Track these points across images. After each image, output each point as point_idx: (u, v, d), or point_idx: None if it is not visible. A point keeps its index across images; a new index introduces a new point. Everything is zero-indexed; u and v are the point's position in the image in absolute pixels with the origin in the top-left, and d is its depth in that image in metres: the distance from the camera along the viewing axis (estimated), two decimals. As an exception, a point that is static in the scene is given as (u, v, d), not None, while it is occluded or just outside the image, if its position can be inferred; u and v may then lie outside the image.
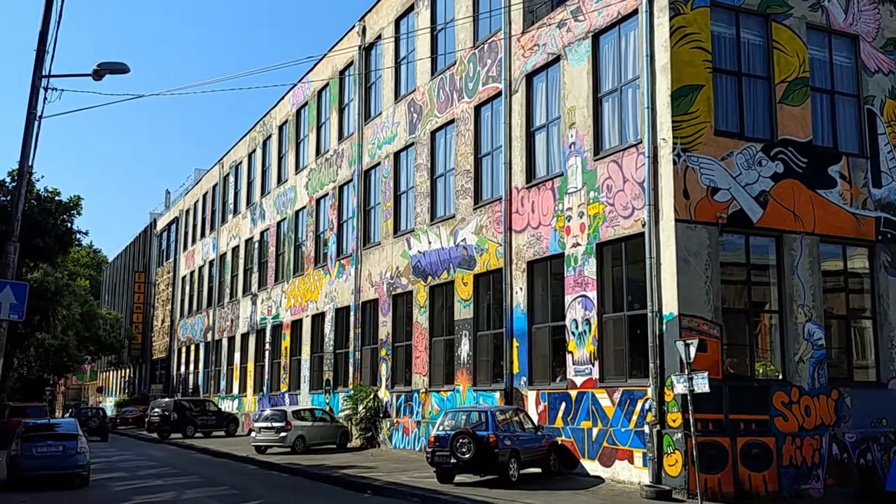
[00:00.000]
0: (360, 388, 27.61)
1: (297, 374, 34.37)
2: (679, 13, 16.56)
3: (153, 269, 63.52)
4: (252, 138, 42.77)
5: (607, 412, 17.20)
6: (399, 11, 27.91)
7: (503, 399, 20.48)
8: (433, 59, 25.80)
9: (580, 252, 18.38)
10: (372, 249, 28.53)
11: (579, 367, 18.11)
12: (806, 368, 16.86)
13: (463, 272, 22.94)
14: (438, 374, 24.09)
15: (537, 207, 20.04)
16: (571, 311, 18.51)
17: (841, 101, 18.62)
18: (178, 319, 54.48)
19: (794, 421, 16.44)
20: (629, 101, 17.75)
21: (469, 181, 23.08)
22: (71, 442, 18.69)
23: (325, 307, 32.03)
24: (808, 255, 17.28)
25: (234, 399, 41.81)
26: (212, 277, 47.92)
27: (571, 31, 19.38)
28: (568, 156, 19.12)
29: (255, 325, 39.70)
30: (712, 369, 15.31)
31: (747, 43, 17.54)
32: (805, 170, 17.53)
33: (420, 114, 26.13)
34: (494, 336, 21.69)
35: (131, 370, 68.27)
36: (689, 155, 16.22)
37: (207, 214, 50.09)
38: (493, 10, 22.63)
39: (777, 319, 17.10)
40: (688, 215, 16.01)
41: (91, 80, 17.29)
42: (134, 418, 49.53)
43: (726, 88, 17.18)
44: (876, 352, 18.13)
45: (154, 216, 66.86)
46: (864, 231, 18.22)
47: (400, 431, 25.39)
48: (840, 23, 18.61)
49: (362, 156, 29.88)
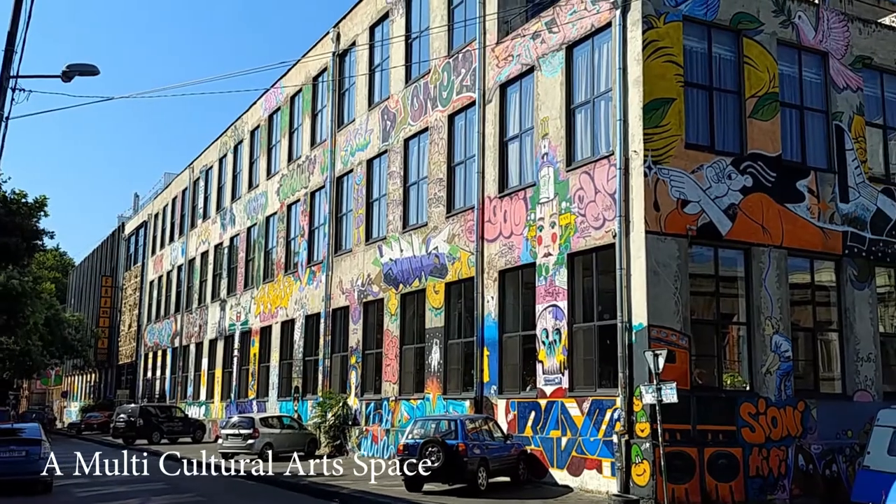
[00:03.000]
0: (330, 395, 27.49)
1: (265, 381, 34.14)
2: (652, 27, 16.72)
3: (121, 273, 62.81)
4: (223, 143, 42.49)
5: (576, 421, 17.26)
6: (374, 19, 27.91)
7: (473, 408, 20.48)
8: (407, 68, 25.81)
9: (551, 262, 18.45)
10: (343, 256, 28.44)
11: (549, 377, 18.16)
12: (773, 380, 17.04)
13: (434, 280, 22.94)
14: (408, 383, 24.04)
15: (509, 217, 20.10)
16: (542, 320, 18.57)
17: (810, 117, 18.88)
18: (145, 324, 53.90)
19: (760, 432, 16.60)
20: (602, 112, 17.87)
21: (442, 190, 23.11)
22: (34, 447, 18.39)
23: (294, 314, 31.86)
24: (776, 268, 17.49)
25: (201, 405, 41.42)
26: (180, 282, 47.47)
27: (546, 43, 19.49)
28: (540, 166, 19.21)
29: (224, 331, 39.38)
30: (681, 380, 15.44)
31: (719, 58, 17.75)
32: (774, 184, 17.75)
33: (394, 121, 26.12)
34: (465, 344, 21.69)
35: (97, 375, 67.42)
36: (659, 167, 16.36)
37: (177, 219, 49.64)
38: (468, 20, 22.70)
39: (745, 331, 17.27)
40: (658, 227, 16.15)
41: (60, 81, 17.14)
42: (99, 424, 48.90)
43: (697, 102, 17.36)
44: (842, 364, 18.37)
45: (122, 220, 66.15)
46: (832, 245, 18.47)
47: (369, 439, 25.29)
48: (810, 40, 18.89)
49: (335, 162, 29.80)
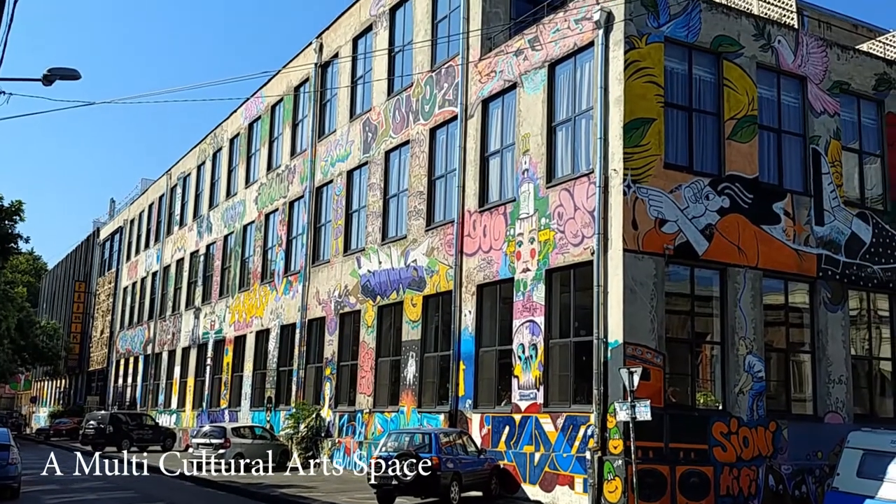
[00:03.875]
0: (303, 406, 27.35)
1: (238, 390, 33.89)
2: (634, 47, 16.90)
3: (94, 278, 62.22)
4: (202, 150, 42.30)
5: (550, 437, 17.29)
6: (357, 31, 27.97)
7: (447, 421, 20.46)
8: (390, 80, 25.87)
9: (529, 277, 18.52)
10: (321, 267, 28.37)
11: (524, 392, 18.19)
12: (745, 400, 17.17)
13: (412, 293, 22.93)
14: (383, 395, 23.98)
15: (489, 231, 20.17)
16: (519, 335, 18.62)
17: (787, 140, 19.12)
18: (117, 331, 53.39)
19: (732, 451, 16.71)
20: (582, 130, 18.01)
21: (422, 203, 23.14)
22: (2, 452, 18.14)
23: (270, 324, 31.71)
24: (751, 288, 17.66)
25: (172, 414, 41.05)
26: (154, 289, 47.09)
27: (528, 60, 19.63)
28: (521, 182, 19.30)
29: (197, 339, 39.10)
30: (654, 398, 15.53)
31: (699, 79, 17.97)
32: (750, 205, 17.95)
33: (375, 133, 26.15)
34: (441, 358, 21.69)
35: (67, 381, 66.63)
36: (638, 186, 16.50)
37: (153, 225, 49.30)
38: (452, 36, 22.80)
39: (719, 350, 17.41)
40: (636, 245, 16.27)
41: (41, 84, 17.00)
42: (68, 430, 48.30)
43: (677, 123, 17.55)
44: (814, 386, 18.56)
45: (98, 225, 65.54)
46: (806, 267, 18.68)
47: (342, 451, 25.18)
48: (789, 64, 19.16)
49: (315, 172, 29.76)
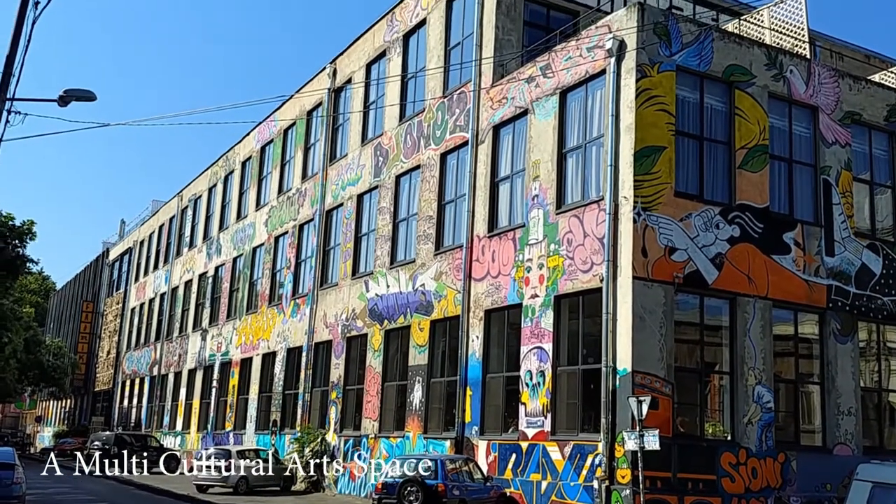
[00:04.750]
0: (308, 430, 27.23)
1: (243, 413, 33.81)
2: (645, 76, 16.96)
3: (102, 298, 62.34)
4: (214, 172, 42.52)
5: (557, 465, 17.16)
6: (371, 56, 28.16)
7: (453, 448, 20.34)
8: (402, 105, 26.01)
9: (538, 303, 18.48)
10: (329, 290, 28.37)
11: (531, 419, 18.09)
12: (754, 430, 17.04)
13: (420, 317, 22.90)
14: (389, 420, 23.87)
15: (497, 257, 20.15)
16: (526, 361, 18.54)
17: (798, 170, 19.11)
18: (124, 351, 53.41)
19: (740, 482, 16.55)
20: (593, 158, 18.04)
21: (431, 227, 23.17)
22: (7, 472, 18.01)
23: (276, 346, 31.68)
24: (761, 318, 17.58)
25: (177, 435, 40.94)
26: (162, 310, 47.13)
27: (540, 87, 19.72)
28: (530, 208, 19.32)
29: (204, 361, 39.07)
30: (663, 427, 15.41)
31: (710, 108, 18.00)
32: (761, 235, 17.91)
33: (386, 158, 26.25)
34: (448, 383, 21.60)
35: (72, 401, 66.58)
36: (648, 214, 16.49)
37: (162, 246, 49.45)
38: (464, 62, 22.94)
39: (728, 380, 17.30)
40: (645, 273, 16.23)
41: (56, 105, 17.15)
42: (72, 450, 48.18)
43: (688, 151, 17.57)
44: (823, 417, 18.42)
45: (107, 245, 65.80)
46: (816, 298, 18.59)
47: (346, 476, 25.03)
48: (801, 94, 19.19)
49: (325, 196, 29.85)
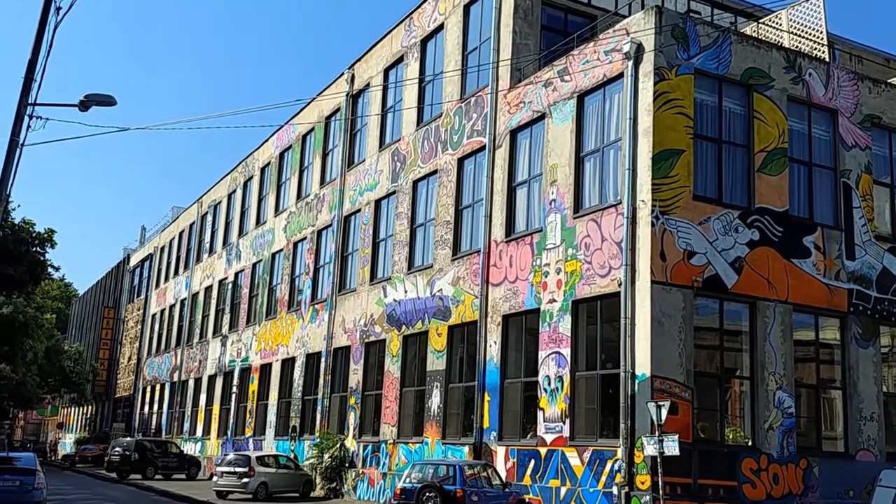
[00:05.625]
0: (327, 436, 27.25)
1: (263, 419, 33.89)
2: (663, 79, 16.88)
3: (123, 305, 62.76)
4: (233, 178, 42.74)
5: (576, 471, 17.07)
6: (388, 62, 28.22)
7: (472, 453, 20.28)
8: (419, 110, 26.04)
9: (556, 308, 18.41)
10: (347, 296, 28.41)
11: (550, 425, 18.01)
12: (775, 436, 16.88)
13: (438, 323, 22.88)
14: (407, 426, 23.85)
15: (515, 262, 20.10)
16: (545, 367, 18.47)
17: (818, 173, 18.96)
18: (144, 358, 53.73)
19: (762, 488, 16.40)
20: (610, 161, 17.96)
21: (448, 232, 23.15)
22: (28, 477, 18.16)
23: (295, 352, 31.75)
24: (781, 323, 17.43)
25: (197, 442, 41.10)
26: (182, 317, 47.39)
27: (557, 91, 19.67)
28: (548, 212, 19.26)
29: (224, 367, 39.22)
30: (683, 432, 15.30)
31: (729, 111, 17.89)
32: (780, 239, 17.77)
33: (403, 163, 26.28)
34: (466, 389, 21.56)
35: (93, 407, 67.01)
36: (667, 218, 16.40)
37: (182, 252, 49.74)
38: (482, 66, 22.94)
39: (748, 386, 17.15)
40: (664, 277, 16.13)
41: (76, 110, 17.25)
42: (93, 457, 48.48)
43: (706, 154, 17.47)
44: (845, 422, 18.22)
45: (128, 252, 66.24)
46: (837, 302, 18.42)
47: (365, 482, 25.02)
48: (820, 97, 19.04)
49: (343, 201, 29.93)
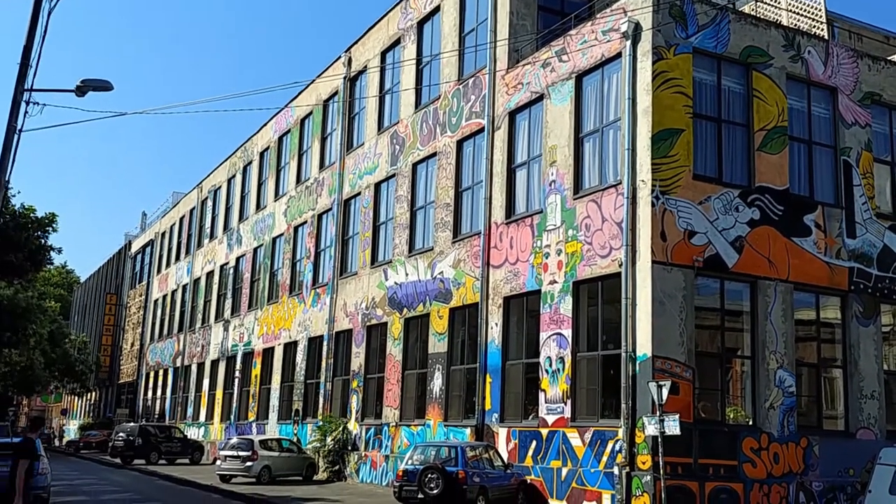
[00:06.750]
0: (330, 419, 27.34)
1: (265, 403, 33.99)
2: (662, 58, 16.79)
3: (125, 291, 62.84)
4: (232, 163, 42.67)
5: (577, 452, 17.11)
6: (385, 44, 28.09)
7: (474, 435, 20.33)
8: (418, 92, 25.94)
9: (557, 289, 18.40)
10: (348, 279, 28.42)
11: (551, 406, 18.04)
12: (776, 415, 16.90)
13: (439, 305, 22.88)
14: (409, 408, 23.90)
15: (516, 243, 20.08)
16: (546, 348, 18.49)
17: (818, 152, 18.89)
18: (147, 343, 53.84)
19: (762, 467, 16.44)
20: (610, 142, 17.91)
21: (449, 214, 23.11)
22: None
23: (297, 336, 31.79)
24: (782, 302, 17.41)
25: (200, 426, 41.24)
26: (184, 302, 47.45)
27: (555, 71, 19.58)
28: (548, 193, 19.22)
29: (226, 351, 39.30)
30: (684, 412, 15.31)
31: (728, 90, 17.81)
32: (781, 217, 17.73)
33: (402, 146, 26.21)
34: (468, 371, 21.59)
35: (97, 393, 67.24)
36: (667, 198, 16.36)
37: (183, 238, 49.73)
38: (479, 47, 22.83)
39: (749, 365, 17.17)
40: (664, 257, 16.10)
41: (73, 96, 17.20)
42: (97, 442, 48.72)
43: (706, 134, 17.40)
44: (845, 401, 18.24)
45: (129, 238, 66.28)
46: (838, 281, 18.40)
47: (368, 465, 25.11)
48: (819, 75, 18.94)
49: (343, 185, 29.88)
